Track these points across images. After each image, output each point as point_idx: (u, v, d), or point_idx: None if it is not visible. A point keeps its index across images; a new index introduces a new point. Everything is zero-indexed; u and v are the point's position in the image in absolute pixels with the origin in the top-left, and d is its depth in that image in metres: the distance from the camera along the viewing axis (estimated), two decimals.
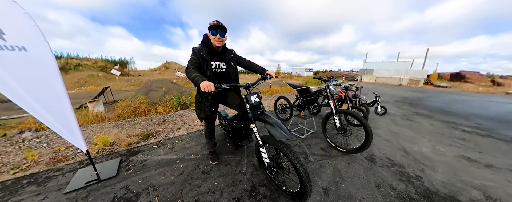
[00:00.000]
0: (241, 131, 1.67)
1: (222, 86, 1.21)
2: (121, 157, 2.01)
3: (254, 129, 1.32)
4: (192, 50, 1.48)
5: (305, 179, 1.11)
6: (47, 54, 1.33)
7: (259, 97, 1.34)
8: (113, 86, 14.28)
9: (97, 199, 1.38)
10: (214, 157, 1.89)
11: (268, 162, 1.34)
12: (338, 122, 2.12)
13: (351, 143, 2.27)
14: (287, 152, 1.15)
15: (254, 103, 1.30)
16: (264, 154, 1.33)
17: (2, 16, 1.17)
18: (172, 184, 1.54)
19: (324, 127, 2.32)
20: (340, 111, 2.11)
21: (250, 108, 1.31)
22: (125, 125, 3.24)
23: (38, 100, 1.31)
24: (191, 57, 1.45)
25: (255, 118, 1.33)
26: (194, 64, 1.41)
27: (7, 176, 1.74)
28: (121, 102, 6.70)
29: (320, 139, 2.48)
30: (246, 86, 1.34)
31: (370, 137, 1.84)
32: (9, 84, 1.21)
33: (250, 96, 1.31)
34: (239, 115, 1.69)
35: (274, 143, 1.23)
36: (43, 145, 2.39)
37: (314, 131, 2.77)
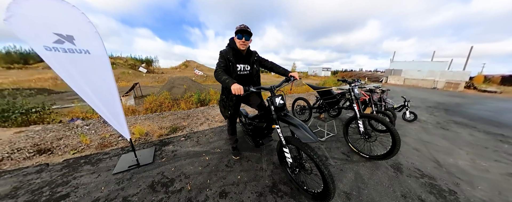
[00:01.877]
0: (262, 130, 1.74)
1: (250, 89, 1.28)
2: (155, 147, 2.27)
3: (278, 130, 1.38)
4: (219, 53, 1.57)
5: (329, 181, 1.14)
6: (103, 55, 1.56)
7: (283, 99, 1.39)
8: (141, 82, 15.64)
9: (139, 181, 1.60)
10: (236, 153, 2.00)
11: (291, 162, 1.38)
12: (361, 127, 2.05)
13: (374, 150, 2.17)
14: (311, 154, 1.18)
15: (279, 105, 1.35)
16: (287, 154, 1.38)
17: (74, 25, 1.41)
18: (200, 174, 1.70)
19: (346, 131, 2.26)
20: (364, 115, 2.03)
21: (274, 110, 1.36)
22: (155, 118, 3.58)
23: (96, 94, 1.56)
24: (219, 60, 1.53)
25: (279, 119, 1.38)
26: (222, 67, 1.48)
27: (69, 156, 2.11)
28: (148, 97, 7.36)
29: (341, 143, 2.42)
30: (271, 89, 1.39)
31: (398, 145, 1.74)
32: (77, 80, 1.46)
33: (275, 98, 1.36)
34: (260, 115, 1.76)
35: (298, 144, 1.27)
36: (92, 131, 2.81)
37: (334, 135, 2.71)
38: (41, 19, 1.30)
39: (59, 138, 2.57)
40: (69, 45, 1.41)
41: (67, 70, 1.41)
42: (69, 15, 1.39)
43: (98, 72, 1.55)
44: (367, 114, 2.05)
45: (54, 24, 1.34)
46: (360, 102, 2.36)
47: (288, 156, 1.38)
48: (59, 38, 1.37)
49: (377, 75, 24.37)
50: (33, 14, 1.27)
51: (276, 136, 2.54)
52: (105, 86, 1.61)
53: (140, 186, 1.54)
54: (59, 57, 1.37)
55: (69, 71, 1.42)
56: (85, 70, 1.49)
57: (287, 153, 1.38)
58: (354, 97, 2.17)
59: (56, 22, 1.35)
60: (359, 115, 2.04)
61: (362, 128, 2.05)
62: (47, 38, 1.33)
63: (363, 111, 2.96)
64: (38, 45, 1.30)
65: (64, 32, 1.38)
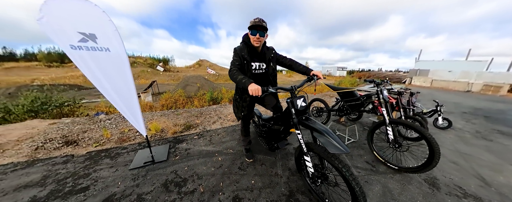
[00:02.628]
0: (279, 133, 1.61)
1: (269, 89, 1.16)
2: (169, 144, 2.29)
3: (298, 135, 1.25)
4: (233, 50, 1.45)
5: (361, 199, 0.98)
6: (123, 53, 1.58)
7: (305, 101, 1.25)
8: (158, 80, 16.49)
9: (153, 179, 1.60)
10: (250, 155, 1.92)
11: (313, 172, 1.25)
12: (391, 134, 1.82)
13: (403, 160, 1.93)
14: (339, 166, 1.03)
15: (300, 107, 1.23)
16: (309, 163, 1.25)
17: (96, 24, 1.44)
18: (213, 175, 1.65)
19: (371, 137, 2.04)
20: (395, 121, 1.80)
21: (295, 113, 1.24)
22: (170, 115, 3.67)
23: (115, 90, 1.59)
24: (233, 58, 1.42)
25: (300, 123, 1.25)
26: (237, 65, 1.37)
27: (91, 148, 2.23)
28: (165, 94, 7.69)
29: (363, 151, 2.19)
30: (292, 89, 1.25)
31: (437, 157, 1.50)
32: (98, 77, 1.50)
33: (296, 99, 1.22)
34: (277, 117, 1.64)
35: (322, 153, 1.12)
36: (113, 126, 2.96)
37: (354, 140, 2.48)
38: (67, 19, 1.34)
39: (84, 131, 2.75)
40: (92, 43, 1.44)
41: (90, 67, 1.45)
42: (92, 14, 1.42)
43: (117, 69, 1.58)
44: (398, 120, 1.81)
45: (79, 23, 1.38)
46: (389, 106, 2.11)
47: (309, 165, 1.25)
48: (83, 37, 1.41)
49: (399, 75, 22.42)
50: (61, 14, 1.31)
51: (291, 138, 2.41)
52: (124, 83, 1.63)
53: (154, 184, 1.54)
54: (83, 55, 1.41)
55: (91, 68, 1.46)
56: (106, 68, 1.52)
57: (308, 162, 1.25)
58: (382, 100, 1.95)
59: (80, 21, 1.39)
60: (388, 121, 1.83)
61: (391, 136, 1.83)
62: (72, 37, 1.37)
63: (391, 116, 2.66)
64: (65, 44, 1.35)
65: (88, 31, 1.42)
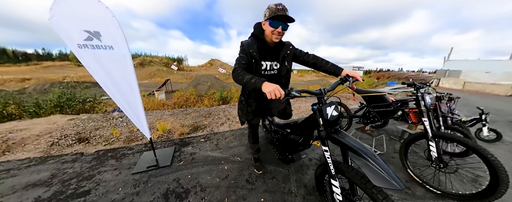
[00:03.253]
0: (297, 145, 1.33)
1: (292, 93, 0.88)
2: (175, 146, 2.19)
3: (326, 153, 0.98)
4: (240, 45, 1.18)
5: None
6: (126, 51, 1.48)
7: (337, 110, 0.98)
8: (172, 78, 17.09)
9: (154, 187, 1.50)
10: (259, 166, 1.70)
11: (341, 200, 0.98)
12: (434, 151, 1.46)
13: (443, 181, 1.56)
14: (374, 193, 0.79)
15: (331, 117, 0.94)
16: (337, 189, 0.97)
17: (100, 21, 1.36)
18: (218, 187, 1.49)
19: (405, 152, 1.69)
20: (440, 135, 1.44)
21: (323, 124, 0.96)
22: (179, 114, 3.63)
23: (118, 90, 1.51)
24: (240, 55, 1.16)
25: (329, 137, 0.97)
26: (243, 65, 1.12)
27: (100, 147, 2.22)
28: (177, 92, 7.85)
29: (394, 166, 1.86)
30: (320, 93, 0.98)
31: (504, 184, 1.12)
32: (100, 73, 1.42)
33: (325, 107, 0.94)
34: (295, 125, 1.37)
35: (358, 181, 0.85)
36: (123, 124, 2.98)
37: (382, 153, 2.13)
38: (74, 17, 1.28)
39: (96, 128, 2.80)
40: (97, 41, 1.37)
41: (95, 66, 1.39)
42: (96, 10, 1.34)
43: (120, 68, 1.49)
44: (444, 133, 1.47)
45: (84, 21, 1.31)
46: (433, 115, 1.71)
47: (337, 191, 0.97)
48: (89, 35, 1.34)
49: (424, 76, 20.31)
50: (68, 12, 1.26)
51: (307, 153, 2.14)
52: (127, 82, 1.54)
53: (155, 193, 1.42)
54: (89, 53, 1.36)
55: (96, 67, 1.39)
56: (109, 66, 1.44)
57: (336, 188, 0.97)
58: (424, 108, 1.56)
59: (85, 18, 1.32)
60: (431, 134, 1.46)
61: (435, 153, 1.46)
62: (79, 35, 1.31)
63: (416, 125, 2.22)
64: (73, 44, 1.30)
65: (92, 29, 1.35)
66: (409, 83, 1.80)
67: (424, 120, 1.53)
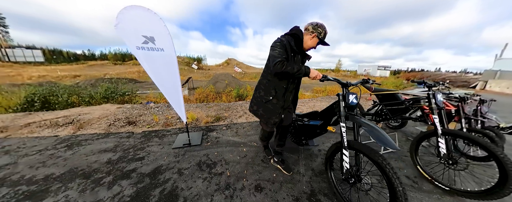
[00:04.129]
0: (315, 129, 1.60)
1: (328, 77, 1.24)
2: (203, 131, 2.61)
3: (342, 128, 1.24)
4: (279, 42, 1.29)
5: (401, 199, 0.94)
6: (173, 53, 1.90)
7: (357, 99, 1.26)
8: (193, 76, 18.31)
9: (190, 158, 1.90)
10: (269, 151, 1.88)
11: (348, 168, 1.22)
12: (443, 148, 1.53)
13: (458, 181, 1.60)
14: (383, 163, 0.99)
15: (351, 103, 1.24)
16: (346, 158, 1.21)
17: (154, 28, 1.77)
18: (238, 163, 1.82)
19: (416, 149, 1.76)
20: (450, 132, 1.50)
21: (345, 106, 1.27)
22: (203, 107, 4.11)
23: (166, 83, 1.94)
24: (278, 50, 1.26)
25: (347, 118, 1.27)
26: (284, 58, 1.24)
27: (145, 128, 2.76)
28: (198, 89, 8.56)
29: (404, 163, 1.92)
30: (346, 84, 1.28)
31: (510, 181, 1.16)
32: (154, 72, 1.85)
33: (349, 94, 1.25)
34: (315, 113, 1.66)
35: (365, 149, 1.09)
36: (160, 112, 3.56)
37: (393, 151, 2.18)
38: (135, 24, 1.68)
39: (140, 115, 3.42)
40: (151, 44, 1.79)
41: (149, 64, 1.81)
42: (152, 20, 1.75)
43: (168, 66, 1.91)
44: (454, 130, 1.50)
45: (142, 28, 1.72)
46: (445, 114, 1.74)
47: (346, 160, 1.21)
48: (145, 39, 1.76)
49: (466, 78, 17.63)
50: (131, 20, 1.65)
51: (319, 141, 2.33)
52: (172, 78, 1.97)
53: (191, 162, 1.82)
54: (145, 54, 1.77)
55: (150, 65, 1.82)
56: (160, 65, 1.86)
57: (346, 157, 1.21)
58: (435, 106, 1.63)
59: (143, 26, 1.72)
60: (441, 131, 1.52)
61: (443, 150, 1.52)
62: (138, 39, 1.72)
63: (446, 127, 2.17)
64: (132, 45, 1.71)
65: (148, 34, 1.76)
66: (420, 81, 1.87)
67: (434, 117, 1.59)
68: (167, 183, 1.51)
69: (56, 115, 3.53)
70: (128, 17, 1.64)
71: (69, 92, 5.67)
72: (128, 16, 1.64)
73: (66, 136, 2.55)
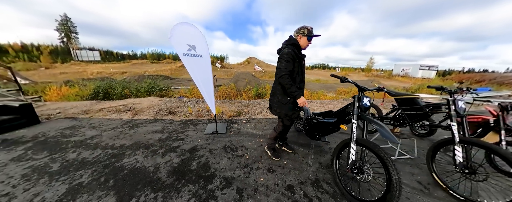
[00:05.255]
0: (328, 126, 1.82)
1: (347, 79, 1.49)
2: (227, 123, 3.07)
3: (354, 124, 1.42)
4: (288, 55, 1.54)
5: (396, 188, 1.10)
6: (208, 58, 2.36)
7: (370, 102, 1.47)
8: (217, 75, 19.57)
9: (217, 142, 2.36)
10: (276, 154, 2.00)
11: (353, 160, 1.38)
12: (460, 156, 1.47)
13: (475, 191, 1.53)
14: (384, 156, 1.16)
15: (365, 104, 1.44)
16: (353, 151, 1.38)
17: (195, 38, 2.24)
18: (255, 149, 2.18)
19: (433, 156, 1.69)
20: (469, 141, 1.44)
21: (358, 106, 1.45)
22: (226, 103, 4.64)
23: (202, 81, 2.42)
24: (285, 62, 1.54)
25: (359, 117, 1.45)
26: (289, 72, 1.55)
27: (182, 118, 3.39)
28: (221, 87, 9.29)
29: (420, 170, 1.87)
30: (363, 88, 1.47)
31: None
32: (194, 73, 2.35)
33: (363, 97, 1.45)
34: (330, 112, 1.90)
35: (371, 145, 1.27)
36: (192, 105, 4.21)
37: (411, 157, 2.09)
38: (182, 36, 2.18)
39: (177, 106, 4.13)
40: (193, 51, 2.28)
41: (192, 67, 2.31)
42: (193, 32, 2.23)
43: (205, 69, 2.39)
44: (474, 139, 1.43)
45: (187, 38, 2.21)
46: (466, 122, 1.66)
47: (353, 153, 1.38)
48: (189, 47, 2.27)
49: None
50: (180, 33, 2.17)
51: (331, 138, 2.49)
52: (207, 77, 2.45)
53: (218, 145, 2.27)
54: (189, 59, 2.28)
55: (191, 67, 2.32)
56: (199, 67, 2.35)
57: (353, 150, 1.39)
58: (454, 113, 1.58)
59: (188, 37, 2.21)
60: (458, 139, 1.48)
61: (460, 158, 1.47)
62: (184, 47, 2.24)
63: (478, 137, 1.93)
64: (180, 52, 2.22)
65: (192, 43, 2.26)
66: (437, 86, 1.79)
67: (452, 124, 1.56)
68: (202, 157, 1.99)
69: (117, 103, 4.55)
70: (178, 31, 2.16)
71: (122, 86, 7.04)
72: (178, 30, 2.16)
73: (127, 119, 3.36)
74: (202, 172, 1.72)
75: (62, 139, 2.50)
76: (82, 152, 2.12)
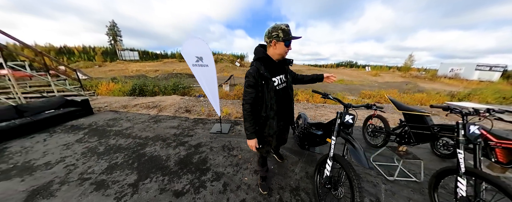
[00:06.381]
0: (315, 137, 1.80)
1: (328, 96, 1.52)
2: (231, 124, 3.44)
3: (332, 141, 1.39)
4: (247, 78, 1.21)
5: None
6: (213, 67, 2.71)
7: (354, 120, 1.40)
8: (235, 73, 20.33)
9: (219, 141, 2.73)
10: (265, 185, 1.70)
11: (328, 175, 1.37)
12: (462, 189, 1.26)
13: None
14: (352, 175, 1.19)
15: (347, 122, 1.38)
16: (329, 167, 1.37)
17: (202, 50, 2.61)
18: (249, 151, 2.46)
19: (435, 184, 1.51)
20: (478, 174, 1.22)
21: (340, 124, 1.41)
22: (236, 104, 5.03)
23: (208, 86, 2.82)
24: (245, 90, 1.22)
25: (339, 134, 1.41)
26: (250, 100, 1.21)
27: (196, 116, 3.92)
28: (236, 86, 9.79)
29: (421, 196, 1.66)
30: (347, 105, 1.43)
31: None
32: (201, 79, 2.75)
33: (346, 114, 1.39)
34: (319, 124, 1.89)
35: (344, 164, 1.26)
36: (205, 105, 4.75)
37: (416, 180, 1.87)
38: (192, 49, 2.59)
39: (193, 105, 4.72)
40: (201, 62, 2.68)
41: (199, 75, 2.73)
42: (201, 45, 2.59)
43: (210, 76, 2.75)
44: (485, 173, 1.19)
45: (196, 51, 2.60)
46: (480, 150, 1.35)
47: (328, 168, 1.37)
48: (197, 59, 2.67)
49: None
50: (190, 46, 2.57)
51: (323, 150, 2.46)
52: (212, 84, 2.82)
53: (219, 144, 2.64)
54: (197, 69, 2.70)
55: (199, 75, 2.74)
56: (205, 75, 2.74)
57: (328, 166, 1.38)
58: (462, 139, 1.32)
59: (196, 49, 2.60)
60: (464, 170, 1.27)
61: (463, 192, 1.26)
62: (193, 59, 2.64)
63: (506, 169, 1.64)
64: (190, 63, 2.66)
65: (199, 55, 2.65)
66: (442, 106, 1.49)
67: (459, 152, 1.32)
68: (202, 153, 2.39)
69: (148, 100, 5.44)
70: (188, 45, 2.58)
71: (153, 84, 8.20)
72: (188, 44, 2.59)
73: (153, 115, 4.07)
74: (200, 165, 2.10)
75: (107, 128, 3.28)
76: (119, 140, 2.78)
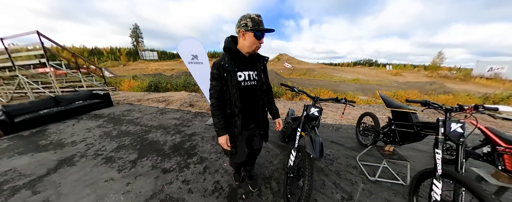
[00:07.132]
0: (291, 131, 1.89)
1: (294, 89, 1.54)
2: None
3: (297, 133, 1.45)
4: (211, 69, 1.12)
5: (304, 195, 1.19)
6: (207, 63, 3.01)
7: (320, 113, 1.44)
8: None
9: (210, 131, 3.03)
10: (237, 177, 1.76)
11: (291, 165, 1.44)
12: (437, 193, 1.15)
13: None
14: (307, 164, 1.24)
15: (311, 114, 1.43)
16: (292, 157, 1.44)
17: (197, 49, 2.91)
18: None
19: (415, 188, 1.40)
20: (455, 177, 1.11)
21: (305, 116, 1.46)
22: None
23: (202, 82, 3.13)
24: (211, 83, 1.14)
25: (303, 128, 1.45)
26: (216, 94, 1.14)
27: (197, 110, 4.30)
28: None
29: (401, 198, 1.59)
30: (314, 98, 1.48)
31: None
32: (197, 76, 3.06)
33: (311, 107, 1.44)
34: (296, 118, 1.98)
35: (303, 154, 1.33)
36: (207, 101, 5.13)
37: (403, 184, 1.76)
38: (188, 47, 2.89)
39: (197, 101, 5.14)
40: (196, 60, 2.98)
41: (195, 72, 3.04)
42: (197, 44, 2.89)
43: (205, 73, 3.06)
44: (463, 177, 1.07)
45: (191, 49, 2.89)
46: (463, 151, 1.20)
47: (291, 158, 1.44)
48: (193, 57, 2.97)
49: None
50: (185, 45, 2.88)
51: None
52: (207, 79, 3.11)
53: (210, 134, 2.95)
54: (193, 66, 3.00)
55: (195, 72, 3.05)
56: (200, 72, 3.04)
57: (292, 156, 1.44)
58: (441, 138, 1.21)
59: (192, 48, 2.90)
60: (440, 172, 1.16)
61: (437, 195, 1.15)
62: (189, 57, 2.96)
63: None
64: (186, 61, 2.97)
65: (194, 53, 2.95)
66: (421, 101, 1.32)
67: (436, 151, 1.21)
68: (194, 141, 2.70)
69: (159, 95, 6.04)
70: (184, 44, 2.89)
71: (166, 81, 8.95)
72: (184, 43, 2.89)
73: (161, 107, 4.57)
74: (190, 151, 2.41)
75: (121, 117, 3.83)
76: (130, 127, 3.26)
